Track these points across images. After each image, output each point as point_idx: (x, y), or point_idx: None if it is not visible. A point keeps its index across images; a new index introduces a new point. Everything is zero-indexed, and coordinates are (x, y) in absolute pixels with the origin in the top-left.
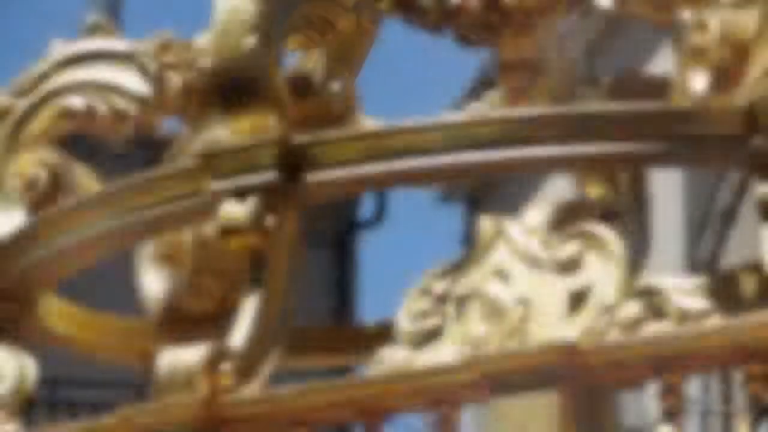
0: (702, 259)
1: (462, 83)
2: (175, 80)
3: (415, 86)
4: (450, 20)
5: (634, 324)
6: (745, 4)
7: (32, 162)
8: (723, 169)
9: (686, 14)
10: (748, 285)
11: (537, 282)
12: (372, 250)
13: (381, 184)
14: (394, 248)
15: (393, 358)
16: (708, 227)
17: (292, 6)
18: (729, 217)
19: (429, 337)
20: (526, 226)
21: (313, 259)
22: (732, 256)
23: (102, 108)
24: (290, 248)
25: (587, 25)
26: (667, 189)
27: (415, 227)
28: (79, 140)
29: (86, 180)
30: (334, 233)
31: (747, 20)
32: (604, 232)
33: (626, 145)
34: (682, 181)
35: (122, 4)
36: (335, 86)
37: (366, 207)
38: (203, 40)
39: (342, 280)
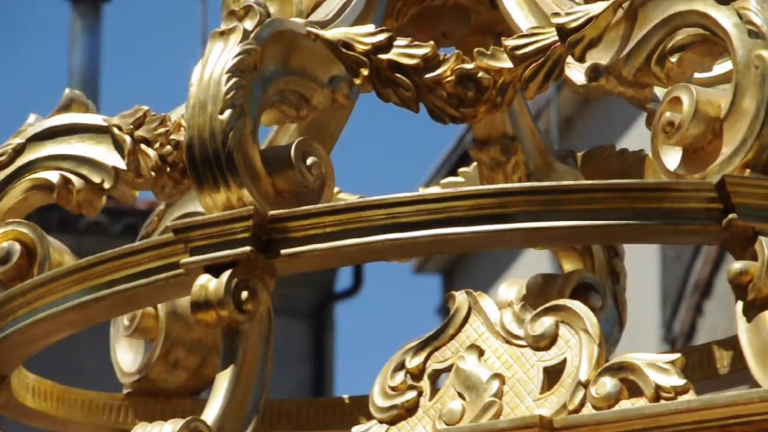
0: (678, 332)
1: (436, 158)
2: (150, 154)
3: (390, 160)
4: (425, 96)
5: (609, 400)
6: (718, 82)
7: (5, 235)
8: (697, 244)
9: (660, 91)
10: (724, 360)
11: (512, 357)
12: (349, 320)
13: (355, 259)
14: (371, 318)
15: None
16: (684, 299)
17: (268, 81)
18: (705, 289)
19: (404, 412)
20: (501, 300)
21: (290, 329)
22: (708, 328)
23: (77, 181)
24: (264, 322)
25: (563, 97)
26: (642, 261)
27: (392, 297)
28: (53, 212)
29: (60, 253)
30: (312, 303)
31: (719, 98)
32: (579, 306)
33: (600, 220)
34: (657, 253)
35: (99, 78)
36: (310, 161)
37: (343, 277)
38: (178, 114)
39: (319, 351)
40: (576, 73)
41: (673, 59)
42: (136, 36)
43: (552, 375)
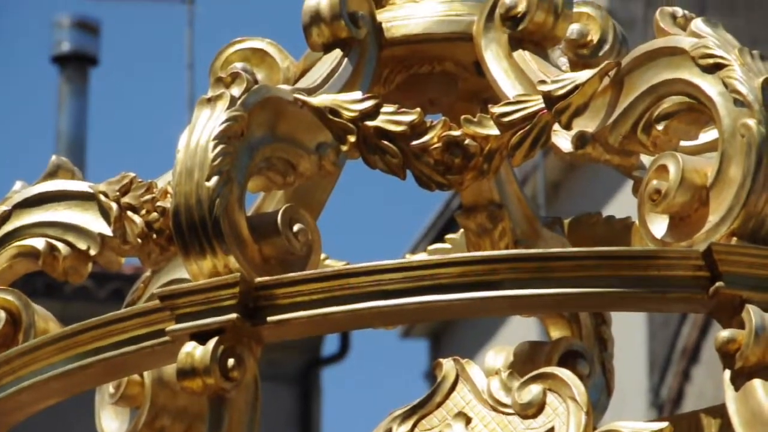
0: (666, 398)
1: (422, 223)
2: (137, 221)
3: (376, 226)
4: (412, 163)
5: None
6: (704, 150)
7: None
8: (684, 312)
9: (646, 159)
10: (712, 428)
11: (499, 425)
12: (336, 385)
13: (342, 326)
14: (358, 382)
15: None
16: (671, 365)
17: (254, 148)
18: (692, 354)
19: None
20: (488, 367)
21: (276, 393)
22: (696, 394)
23: (63, 248)
24: (251, 389)
25: (549, 162)
26: (630, 327)
27: (379, 362)
28: (39, 277)
29: (45, 321)
30: (298, 368)
31: (706, 166)
32: (567, 374)
33: (587, 288)
34: (644, 319)
35: (86, 141)
36: (297, 227)
37: (329, 342)
38: (165, 180)
39: (306, 416)
40: (562, 140)
41: (660, 127)
42: (124, 100)
43: None
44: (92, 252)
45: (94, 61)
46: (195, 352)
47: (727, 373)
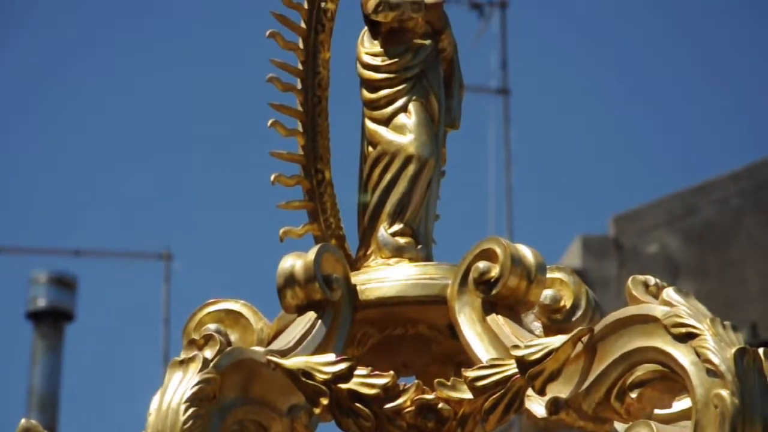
0: None
1: None
2: None
3: None
4: (385, 426)
5: None
6: (678, 418)
7: None
8: None
9: (620, 426)
10: None
11: None
12: None
13: None
14: None
15: None
16: None
17: (226, 411)
18: None
19: None
20: None
21: None
22: None
23: None
24: None
25: (524, 419)
26: None
27: None
28: None
29: None
30: None
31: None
32: None
33: None
34: None
35: (59, 397)
36: None
37: None
38: None
39: None
40: (536, 405)
41: (633, 395)
42: (99, 356)
43: None
44: None
45: (69, 317)
46: None
47: None
